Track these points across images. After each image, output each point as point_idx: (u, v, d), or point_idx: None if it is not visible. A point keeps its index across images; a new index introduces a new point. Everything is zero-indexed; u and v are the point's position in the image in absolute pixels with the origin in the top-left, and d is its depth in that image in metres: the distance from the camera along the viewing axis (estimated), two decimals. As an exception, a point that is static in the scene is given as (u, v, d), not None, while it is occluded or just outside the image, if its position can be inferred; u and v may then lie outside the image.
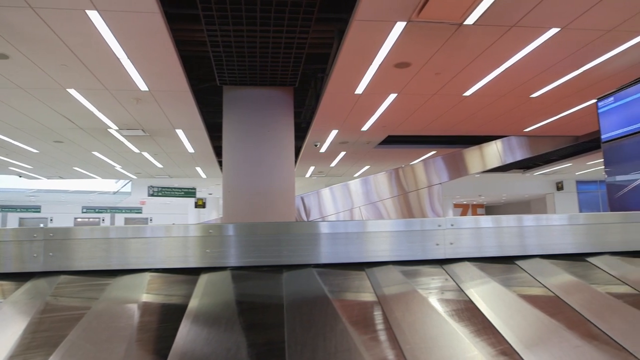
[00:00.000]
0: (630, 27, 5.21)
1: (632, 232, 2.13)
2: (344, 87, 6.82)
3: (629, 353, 1.27)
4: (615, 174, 5.03)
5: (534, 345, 1.28)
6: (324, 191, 9.02)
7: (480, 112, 8.56)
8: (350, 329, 1.33)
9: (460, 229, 1.85)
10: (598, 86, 7.04)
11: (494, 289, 1.62)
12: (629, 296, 1.67)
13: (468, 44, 5.48)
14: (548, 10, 4.72)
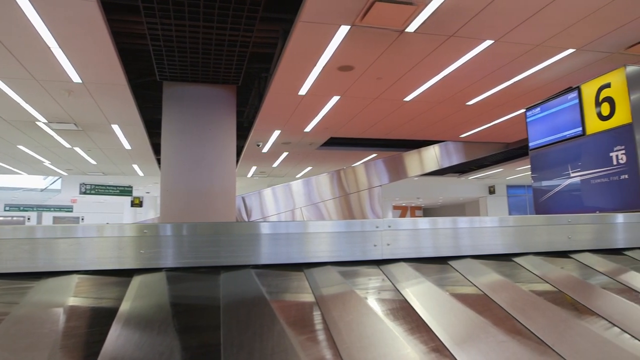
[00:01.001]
0: (555, 44, 5.59)
1: (554, 233, 2.28)
2: (288, 87, 6.82)
3: (547, 346, 1.35)
4: (540, 179, 5.36)
5: (463, 342, 1.34)
6: (266, 191, 8.96)
7: (419, 117, 8.85)
8: (288, 329, 1.33)
9: (397, 231, 1.90)
10: (527, 97, 7.48)
11: (428, 289, 1.68)
12: (549, 293, 1.79)
13: (409, 51, 5.64)
14: (483, 23, 4.96)
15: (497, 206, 21.63)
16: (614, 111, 4.36)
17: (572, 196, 4.85)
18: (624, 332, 1.51)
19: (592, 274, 2.10)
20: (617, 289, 1.94)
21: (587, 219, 2.40)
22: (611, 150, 4.34)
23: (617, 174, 4.27)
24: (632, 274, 2.10)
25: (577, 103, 4.79)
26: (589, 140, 4.64)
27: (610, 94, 4.41)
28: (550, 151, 5.21)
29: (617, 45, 5.73)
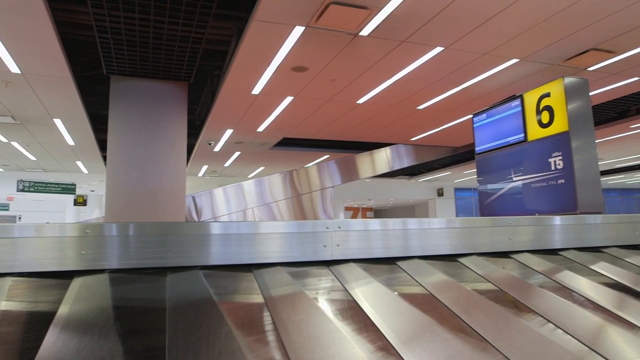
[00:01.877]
0: (501, 53, 5.84)
1: (496, 235, 2.38)
2: (241, 86, 6.74)
3: (488, 343, 1.41)
4: (485, 182, 5.58)
5: (408, 341, 1.37)
6: (217, 191, 8.81)
7: (371, 119, 8.99)
8: (236, 331, 1.31)
9: (347, 232, 1.92)
10: (474, 103, 7.77)
11: (376, 289, 1.71)
12: (491, 292, 1.86)
13: (362, 54, 5.72)
14: (434, 30, 5.11)
15: (446, 208, 22.32)
16: (552, 119, 4.60)
17: (514, 199, 5.08)
18: (557, 328, 1.60)
19: (531, 274, 2.21)
20: (552, 287, 2.05)
21: (527, 221, 2.52)
22: (550, 156, 4.58)
23: (554, 179, 4.51)
24: (566, 273, 2.22)
25: (520, 111, 5.03)
26: (530, 146, 4.88)
27: (549, 103, 4.66)
28: (495, 156, 5.43)
29: (557, 57, 6.06)
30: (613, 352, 1.50)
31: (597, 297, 1.97)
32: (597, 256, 2.62)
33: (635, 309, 1.90)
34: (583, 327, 1.66)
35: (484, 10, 4.73)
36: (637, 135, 11.06)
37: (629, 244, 2.91)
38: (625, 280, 2.23)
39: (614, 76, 6.88)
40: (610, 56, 6.06)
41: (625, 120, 9.64)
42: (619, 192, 26.68)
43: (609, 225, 2.90)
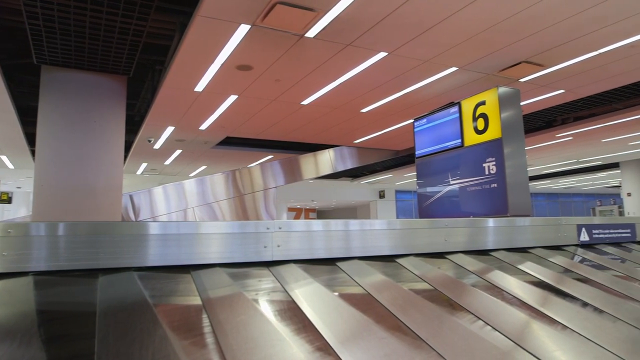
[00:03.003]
0: (441, 61, 6.06)
1: (433, 236, 2.46)
2: (184, 82, 6.57)
3: (422, 341, 1.46)
4: (424, 185, 5.76)
5: (346, 340, 1.39)
6: (156, 190, 8.53)
7: (316, 121, 9.04)
8: (171, 334, 1.28)
9: (288, 232, 1.92)
10: (415, 108, 8.01)
11: (315, 290, 1.71)
12: (426, 292, 1.92)
13: (308, 56, 5.75)
14: (378, 36, 5.21)
15: (387, 210, 22.85)
16: (487, 126, 4.83)
17: (451, 202, 5.29)
18: (487, 325, 1.68)
19: (464, 273, 2.31)
20: (483, 286, 2.15)
21: (462, 223, 2.63)
22: (484, 161, 4.80)
23: (488, 183, 4.74)
24: (496, 272, 2.34)
25: (458, 117, 5.24)
26: (467, 151, 5.10)
27: (485, 111, 4.89)
28: (434, 160, 5.63)
29: (492, 68, 6.38)
30: (536, 346, 1.60)
31: (524, 295, 2.09)
32: (525, 256, 2.78)
33: (556, 306, 2.03)
34: (510, 323, 1.75)
35: (425, 19, 4.88)
36: (562, 144, 11.84)
37: (553, 244, 3.11)
38: (548, 279, 2.38)
39: (543, 88, 7.33)
40: (540, 69, 6.45)
41: (552, 130, 10.30)
42: (546, 197, 28.48)
43: (535, 227, 3.09)
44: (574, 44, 5.64)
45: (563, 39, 5.48)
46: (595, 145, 12.27)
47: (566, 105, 8.79)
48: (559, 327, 1.79)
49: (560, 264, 2.72)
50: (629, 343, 1.75)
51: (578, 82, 7.09)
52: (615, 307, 2.07)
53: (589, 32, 5.30)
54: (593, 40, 5.55)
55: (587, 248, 3.27)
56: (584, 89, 7.52)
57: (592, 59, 6.14)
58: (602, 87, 7.46)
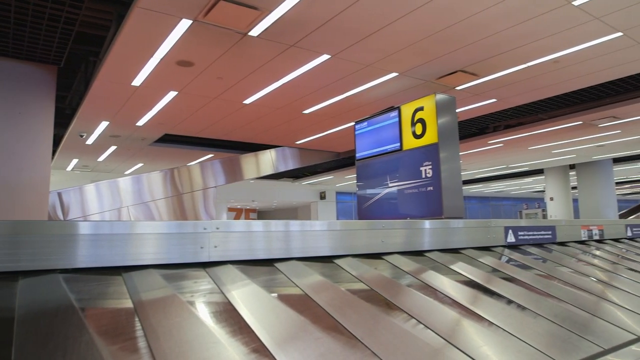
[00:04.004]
0: (382, 67, 6.20)
1: (370, 237, 2.51)
2: (120, 76, 6.29)
3: (357, 340, 1.48)
4: (364, 187, 5.87)
5: (283, 341, 1.39)
6: (88, 187, 8.11)
7: (258, 120, 8.97)
8: (98, 339, 1.22)
9: (225, 233, 1.89)
10: (357, 111, 8.14)
11: (252, 291, 1.70)
12: (363, 292, 1.96)
13: (251, 55, 5.69)
14: (322, 38, 5.26)
15: (327, 211, 23.05)
16: (425, 131, 5.00)
17: (389, 204, 5.42)
18: (420, 323, 1.74)
19: (399, 273, 2.37)
20: (417, 286, 2.22)
21: (398, 224, 2.71)
22: (421, 165, 4.97)
23: (424, 186, 4.90)
24: (430, 272, 2.42)
25: (397, 121, 5.38)
26: (405, 155, 5.25)
27: (423, 116, 5.06)
28: (373, 162, 5.75)
29: (430, 75, 6.61)
30: (465, 342, 1.67)
31: (455, 294, 2.18)
32: (457, 257, 2.90)
33: (484, 304, 2.14)
34: (442, 321, 1.82)
35: (368, 25, 4.98)
36: (493, 150, 12.48)
37: (482, 245, 3.27)
38: (478, 278, 2.50)
39: (477, 96, 7.70)
40: (474, 78, 6.77)
41: (485, 137, 10.84)
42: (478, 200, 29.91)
43: (467, 229, 3.23)
44: (505, 56, 5.97)
45: (495, 51, 5.78)
46: (523, 152, 13.04)
47: (497, 114, 9.28)
48: (486, 324, 1.88)
49: (488, 264, 2.86)
50: (547, 337, 1.87)
51: (508, 92, 7.50)
52: (536, 304, 2.21)
53: (518, 46, 5.62)
54: (522, 54, 5.90)
55: (513, 249, 3.47)
56: (513, 99, 7.98)
57: (521, 71, 6.53)
58: (529, 97, 7.94)
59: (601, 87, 7.69)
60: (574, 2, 4.58)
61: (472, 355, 1.57)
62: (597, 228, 4.47)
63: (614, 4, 4.63)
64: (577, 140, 11.29)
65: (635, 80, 7.46)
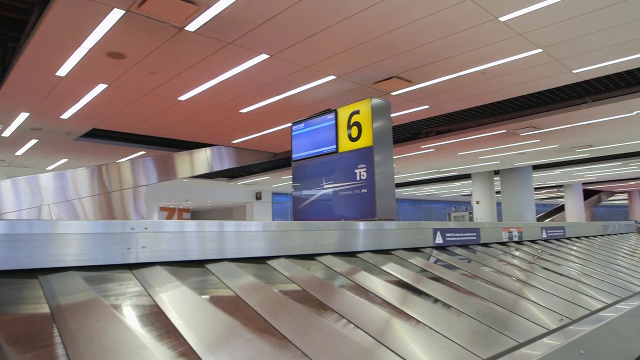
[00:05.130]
0: (320, 69, 6.26)
1: (304, 238, 2.52)
2: (43, 65, 5.89)
3: (288, 341, 1.48)
4: (300, 189, 5.89)
5: (212, 344, 1.36)
6: (4, 183, 7.51)
7: (193, 118, 8.75)
8: (9, 348, 1.13)
9: (155, 233, 1.82)
10: (294, 112, 8.16)
11: (182, 293, 1.65)
12: (295, 293, 1.96)
13: (187, 50, 5.54)
14: (261, 37, 5.22)
15: (263, 211, 22.90)
16: (360, 134, 5.10)
17: (324, 205, 5.48)
18: (351, 323, 1.77)
19: (332, 274, 2.40)
20: (349, 286, 2.26)
21: (331, 225, 2.74)
22: (356, 168, 5.06)
23: (359, 188, 5.00)
24: (362, 273, 2.47)
25: (334, 124, 5.45)
26: (341, 157, 5.32)
27: (358, 120, 5.16)
28: (309, 164, 5.78)
29: (367, 79, 6.76)
30: (393, 341, 1.72)
31: (385, 294, 2.24)
32: (388, 258, 2.98)
33: (413, 303, 2.22)
34: (372, 321, 1.86)
35: (307, 26, 5.01)
36: (425, 155, 12.98)
37: (413, 246, 3.39)
38: (407, 279, 2.58)
39: (411, 102, 7.97)
40: (409, 85, 7.00)
41: (417, 141, 11.25)
42: (410, 202, 30.98)
43: (399, 230, 3.33)
44: (438, 65, 6.23)
45: (428, 59, 6.02)
46: (453, 157, 13.67)
47: (430, 120, 9.66)
48: (413, 322, 1.95)
49: (418, 265, 2.97)
50: (469, 333, 1.97)
51: (440, 99, 7.84)
52: (460, 302, 2.32)
53: (450, 56, 5.89)
54: (453, 64, 6.18)
55: (441, 250, 3.62)
56: (444, 106, 8.34)
57: (452, 80, 6.84)
58: (459, 105, 8.34)
59: (523, 98, 8.23)
60: (501, 18, 4.86)
61: (400, 353, 1.62)
62: (516, 230, 4.77)
63: (536, 22, 4.97)
64: (502, 147, 12.00)
65: (552, 94, 8.06)
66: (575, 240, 5.95)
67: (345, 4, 4.56)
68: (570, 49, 5.73)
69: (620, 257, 5.36)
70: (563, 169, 16.90)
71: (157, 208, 22.38)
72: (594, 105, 8.19)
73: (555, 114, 8.71)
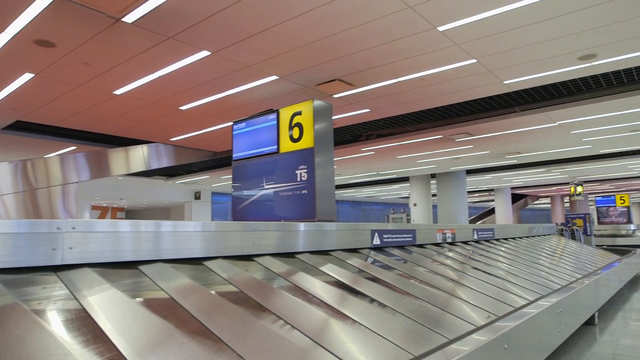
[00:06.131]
0: (263, 68, 6.22)
1: (243, 239, 2.49)
2: (-40, 50, 5.43)
3: (224, 343, 1.46)
4: (240, 189, 5.82)
5: (143, 349, 1.31)
6: None
7: (130, 113, 8.40)
8: None
9: (84, 233, 1.73)
10: (236, 111, 8.05)
11: (112, 296, 1.58)
12: (232, 294, 1.93)
13: (124, 42, 5.31)
14: (203, 33, 5.10)
15: (202, 211, 22.37)
16: (302, 135, 5.12)
17: (264, 205, 5.44)
18: (288, 324, 1.77)
19: (270, 275, 2.39)
20: (287, 287, 2.26)
21: (271, 226, 2.73)
22: (297, 169, 5.07)
23: (299, 189, 5.01)
24: (301, 274, 2.48)
25: (276, 124, 5.43)
26: (282, 157, 5.31)
27: (300, 121, 5.17)
28: (250, 164, 5.73)
29: (310, 81, 6.79)
30: (330, 340, 1.74)
31: (323, 294, 2.26)
32: (327, 258, 3.01)
33: (350, 303, 2.25)
34: (309, 322, 1.87)
35: (251, 25, 4.96)
36: (365, 157, 13.23)
37: (351, 247, 3.44)
38: (345, 279, 2.62)
39: (352, 105, 8.09)
40: (351, 88, 7.11)
41: (358, 144, 11.44)
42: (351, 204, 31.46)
43: (338, 232, 3.37)
44: (379, 70, 6.37)
45: (370, 64, 6.14)
46: (392, 160, 14.03)
47: (370, 123, 9.86)
48: (350, 322, 1.98)
49: (355, 265, 3.02)
50: (403, 332, 2.03)
51: (381, 103, 8.02)
52: (396, 302, 2.38)
53: (390, 62, 6.04)
54: (393, 69, 6.35)
55: (379, 250, 3.70)
56: (385, 110, 8.55)
57: (393, 86, 7.02)
58: (399, 110, 8.57)
59: (459, 105, 8.60)
60: (439, 27, 5.05)
61: (336, 353, 1.64)
62: (450, 232, 4.97)
63: (471, 33, 5.21)
64: (438, 152, 12.47)
65: (485, 103, 8.48)
66: (504, 242, 6.30)
67: (290, 5, 4.56)
68: (502, 60, 6.06)
69: (542, 257, 5.74)
70: (494, 174, 17.86)
71: (88, 207, 21.28)
72: (522, 115, 8.70)
73: (488, 122, 9.17)
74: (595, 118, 9.04)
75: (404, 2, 4.49)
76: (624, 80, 7.41)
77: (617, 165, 15.96)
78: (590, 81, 7.42)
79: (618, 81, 7.46)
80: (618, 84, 7.56)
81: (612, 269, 5.80)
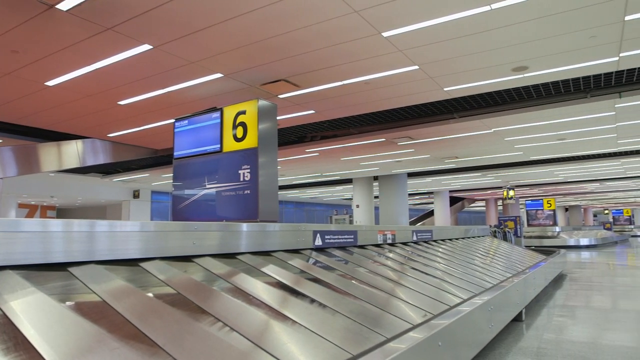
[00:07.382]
0: (207, 65, 6.10)
1: (182, 239, 2.43)
2: None
3: (159, 347, 1.41)
4: (181, 188, 5.67)
5: (70, 355, 1.24)
6: None
7: (64, 106, 7.95)
8: None
9: (7, 233, 1.61)
10: (178, 108, 7.83)
11: (37, 300, 1.48)
12: (169, 296, 1.88)
13: (58, 31, 5.03)
14: (144, 26, 4.92)
15: (141, 211, 21.57)
16: (245, 135, 5.07)
17: (206, 205, 5.33)
18: (227, 327, 1.74)
19: (210, 277, 2.34)
20: (227, 289, 2.22)
21: (212, 226, 2.68)
22: (240, 168, 5.01)
23: (242, 189, 4.96)
24: (242, 275, 2.45)
25: (219, 122, 5.34)
26: (225, 157, 5.23)
27: (244, 120, 5.12)
28: (192, 162, 5.59)
29: (255, 80, 6.73)
30: (270, 342, 1.73)
31: (264, 296, 2.24)
32: (268, 259, 3.00)
33: (291, 304, 2.25)
34: (249, 324, 1.85)
35: (196, 20, 4.84)
36: (310, 158, 13.29)
37: (293, 248, 3.44)
38: (286, 280, 2.61)
39: (297, 106, 8.11)
40: (296, 89, 7.12)
41: (303, 145, 11.47)
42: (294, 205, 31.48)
43: (280, 232, 3.36)
44: (324, 72, 6.42)
45: (315, 66, 6.18)
46: (336, 162, 14.18)
47: (315, 125, 9.92)
48: (290, 323, 1.98)
49: (297, 266, 3.02)
50: (343, 331, 2.05)
51: (325, 105, 8.09)
52: (336, 302, 2.41)
53: (336, 64, 6.11)
54: (339, 72, 6.42)
55: (320, 251, 3.73)
56: (329, 112, 8.63)
57: (338, 88, 7.10)
58: (343, 112, 8.69)
59: (401, 110, 8.84)
60: (384, 33, 5.17)
61: (276, 354, 1.63)
62: (390, 233, 5.09)
63: (415, 40, 5.37)
64: (381, 155, 12.75)
65: (426, 108, 8.78)
66: (441, 243, 6.53)
67: (236, 3, 4.50)
68: (443, 68, 6.29)
69: (477, 257, 6.01)
70: (434, 177, 18.51)
71: (15, 205, 19.93)
72: (461, 121, 9.09)
73: (428, 127, 9.49)
74: (526, 126, 9.60)
75: (350, 6, 4.56)
76: (552, 92, 7.92)
77: (545, 171, 17.06)
78: (522, 91, 7.86)
79: (547, 93, 7.96)
80: (547, 95, 8.08)
81: (539, 268, 6.18)
